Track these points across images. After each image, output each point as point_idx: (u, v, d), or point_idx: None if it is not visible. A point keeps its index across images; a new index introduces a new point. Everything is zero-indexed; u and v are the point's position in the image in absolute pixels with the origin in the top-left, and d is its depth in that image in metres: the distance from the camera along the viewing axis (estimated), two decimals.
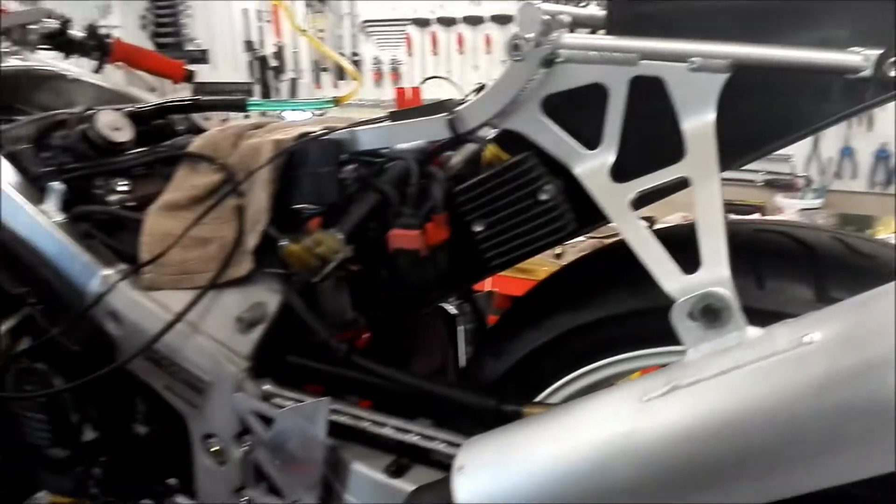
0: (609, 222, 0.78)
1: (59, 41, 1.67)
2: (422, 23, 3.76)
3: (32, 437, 1.27)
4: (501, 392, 0.91)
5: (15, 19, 1.55)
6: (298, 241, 0.95)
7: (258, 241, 1.03)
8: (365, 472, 0.98)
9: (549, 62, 0.77)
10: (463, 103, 0.87)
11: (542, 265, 2.62)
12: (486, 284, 1.71)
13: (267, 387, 1.04)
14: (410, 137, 0.90)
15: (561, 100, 0.79)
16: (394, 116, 0.93)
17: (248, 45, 4.27)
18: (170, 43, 4.39)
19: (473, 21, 3.63)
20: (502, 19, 3.57)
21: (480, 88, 0.91)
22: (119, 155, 1.22)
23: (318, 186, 0.96)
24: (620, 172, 0.76)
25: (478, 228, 0.85)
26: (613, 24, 0.78)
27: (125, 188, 1.18)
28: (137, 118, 1.28)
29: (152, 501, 1.27)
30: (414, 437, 0.94)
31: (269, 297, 1.05)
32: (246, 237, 1.05)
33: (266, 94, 4.23)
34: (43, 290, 1.16)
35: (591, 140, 0.78)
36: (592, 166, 0.77)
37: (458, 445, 0.88)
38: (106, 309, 1.11)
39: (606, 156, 0.77)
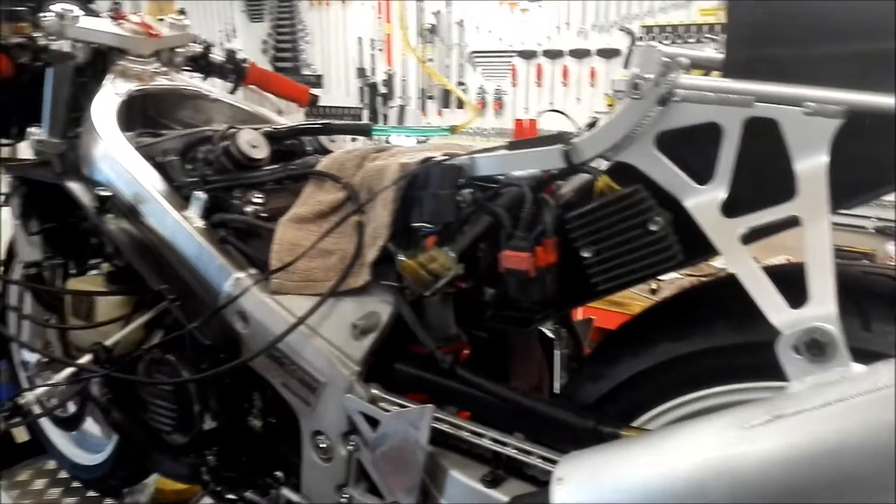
0: (716, 255, 0.80)
1: (202, 64, 1.84)
2: (528, 55, 3.83)
3: (155, 424, 1.39)
4: (599, 413, 0.94)
5: (166, 43, 1.72)
6: (414, 256, 1.02)
7: (377, 254, 1.11)
8: (462, 479, 1.03)
9: (665, 101, 0.81)
10: (577, 136, 0.92)
11: (636, 299, 2.62)
12: (581, 314, 1.73)
13: (375, 391, 1.11)
14: (526, 166, 0.96)
15: (674, 136, 0.83)
16: (511, 146, 0.99)
17: (361, 72, 4.47)
18: (287, 67, 4.66)
19: (579, 54, 3.67)
20: (608, 53, 3.59)
21: (593, 123, 0.96)
22: (255, 170, 1.34)
23: (438, 207, 1.03)
24: (731, 208, 0.79)
25: (586, 254, 0.89)
26: (730, 67, 0.81)
27: (259, 200, 1.30)
28: (272, 137, 1.40)
29: (257, 492, 1.36)
30: (511, 450, 0.98)
31: (382, 307, 1.12)
32: (365, 251, 1.13)
33: (374, 119, 4.41)
34: (181, 287, 1.28)
35: (702, 175, 0.82)
36: (703, 201, 0.81)
37: (553, 461, 0.92)
38: (236, 308, 1.21)
39: (718, 191, 0.80)
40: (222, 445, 1.34)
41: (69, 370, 1.26)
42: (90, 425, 1.97)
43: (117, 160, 1.39)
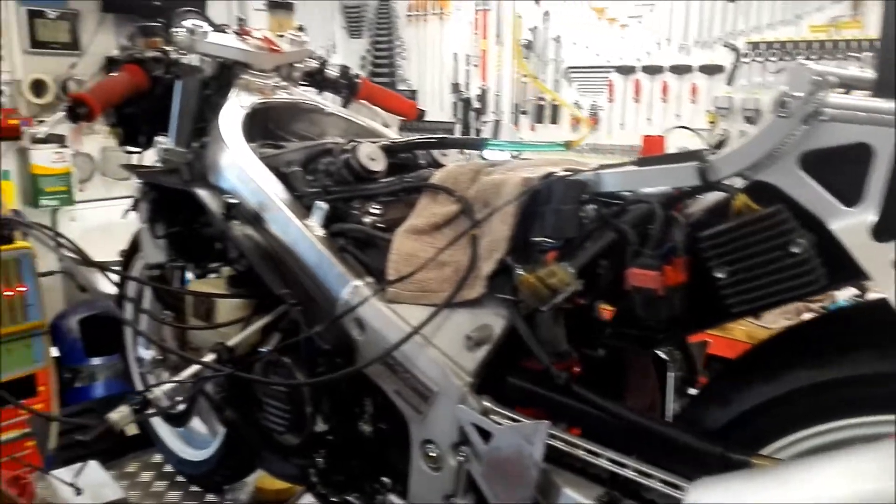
0: (865, 280, 0.77)
1: (317, 78, 1.91)
2: (626, 70, 3.79)
3: (268, 424, 1.44)
4: (725, 440, 0.91)
5: (286, 58, 1.79)
6: (533, 270, 1.02)
7: (494, 267, 1.11)
8: (577, 498, 1.01)
9: (813, 120, 0.79)
10: (713, 153, 0.90)
11: (740, 323, 2.53)
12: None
13: (487, 403, 1.11)
14: (658, 182, 0.95)
15: (820, 156, 0.80)
16: (641, 162, 0.98)
17: (455, 87, 4.53)
18: (384, 83, 4.77)
19: (680, 70, 3.60)
20: (711, 69, 3.51)
21: (721, 142, 0.94)
22: (373, 182, 1.38)
23: (560, 222, 1.03)
24: (881, 231, 0.76)
25: (720, 275, 0.87)
26: (883, 87, 0.78)
27: (377, 211, 1.33)
28: (389, 151, 1.43)
29: (363, 497, 1.39)
30: (630, 471, 0.96)
31: (495, 320, 1.12)
32: (481, 263, 1.14)
33: (466, 133, 4.45)
34: (301, 293, 1.32)
35: (849, 197, 0.79)
36: (851, 223, 0.77)
37: (675, 486, 0.90)
38: (353, 316, 1.24)
39: (867, 214, 0.77)
40: (332, 448, 1.37)
41: (195, 367, 1.32)
42: (195, 422, 2.05)
43: (244, 170, 1.45)
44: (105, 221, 3.55)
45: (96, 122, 1.70)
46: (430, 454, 1.18)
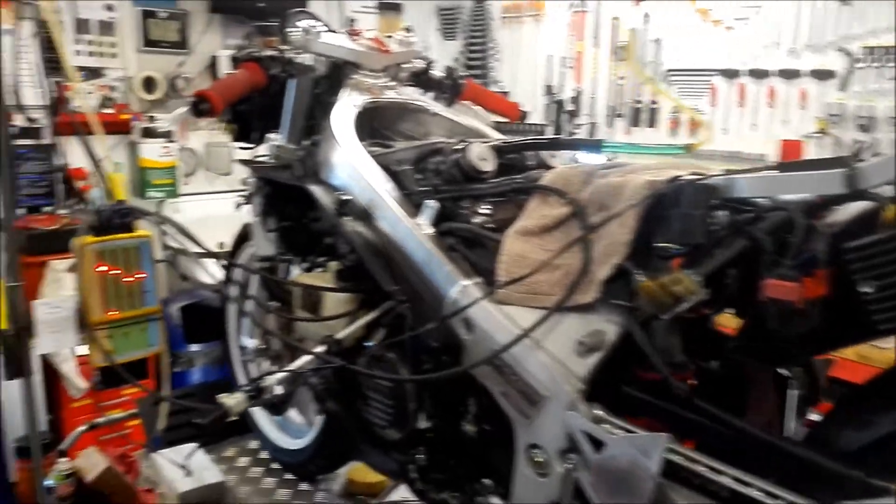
0: None
1: (423, 79, 1.93)
2: (730, 74, 3.65)
3: (371, 417, 1.45)
4: (863, 464, 0.86)
5: (395, 59, 1.82)
6: (655, 277, 0.99)
7: (610, 272, 1.08)
8: None
9: None
10: (862, 160, 0.85)
11: None
12: None
13: (598, 411, 1.09)
14: (799, 189, 0.90)
15: None
16: (782, 167, 0.93)
17: (548, 89, 4.49)
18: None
19: (789, 75, 3.44)
20: (822, 74, 3.34)
21: (857, 154, 0.88)
22: (483, 182, 1.37)
23: (688, 227, 0.99)
24: None
25: (866, 289, 0.82)
26: None
27: (487, 211, 1.32)
28: (499, 151, 1.42)
29: (463, 497, 1.38)
30: (755, 491, 0.91)
31: (608, 326, 1.09)
32: (596, 267, 1.11)
33: (558, 135, 4.40)
34: (408, 290, 1.33)
35: None
36: None
37: None
38: (461, 315, 1.24)
39: None
40: (433, 446, 1.37)
41: (306, 358, 1.35)
42: (291, 412, 2.10)
43: (356, 167, 1.47)
44: (205, 214, 3.70)
45: (216, 118, 1.77)
46: (537, 459, 1.16)
